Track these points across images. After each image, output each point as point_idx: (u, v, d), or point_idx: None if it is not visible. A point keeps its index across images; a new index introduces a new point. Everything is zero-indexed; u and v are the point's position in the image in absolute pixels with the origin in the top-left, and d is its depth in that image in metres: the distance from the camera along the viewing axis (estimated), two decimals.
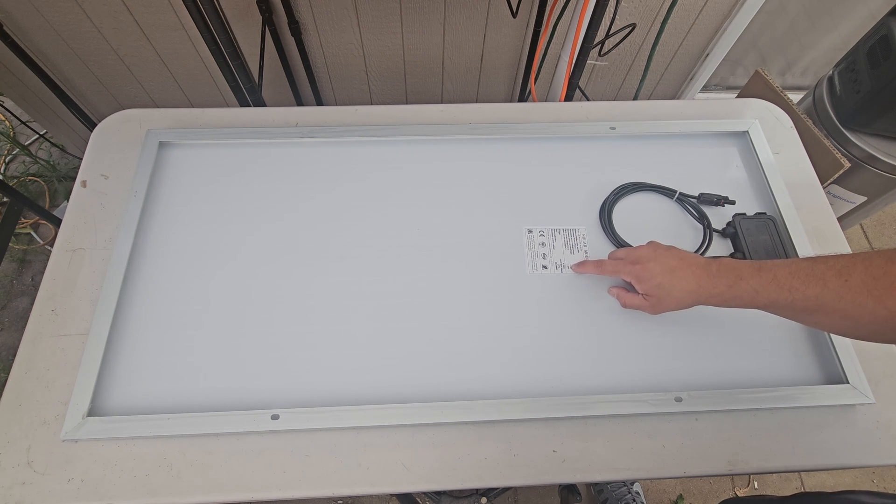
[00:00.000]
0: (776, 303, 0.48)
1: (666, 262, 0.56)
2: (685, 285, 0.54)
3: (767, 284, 0.48)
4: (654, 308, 0.58)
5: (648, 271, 0.57)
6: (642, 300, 0.59)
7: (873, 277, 0.42)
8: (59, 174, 1.64)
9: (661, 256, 0.57)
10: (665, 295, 0.56)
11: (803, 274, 0.46)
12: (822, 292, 0.45)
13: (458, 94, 1.49)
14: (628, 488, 1.20)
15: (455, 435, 0.57)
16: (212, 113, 0.78)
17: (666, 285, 0.55)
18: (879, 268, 0.42)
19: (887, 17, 1.15)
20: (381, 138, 0.75)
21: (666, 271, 0.56)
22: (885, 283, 0.41)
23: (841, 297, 0.43)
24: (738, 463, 0.56)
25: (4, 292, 1.47)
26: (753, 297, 0.49)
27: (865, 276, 0.42)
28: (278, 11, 1.15)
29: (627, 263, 0.60)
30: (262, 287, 0.64)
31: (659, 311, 0.59)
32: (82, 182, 0.71)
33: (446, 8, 1.19)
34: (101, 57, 1.26)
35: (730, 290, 0.51)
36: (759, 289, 0.49)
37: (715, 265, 0.53)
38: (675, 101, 0.83)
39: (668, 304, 0.56)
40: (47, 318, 0.62)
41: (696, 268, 0.54)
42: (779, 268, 0.48)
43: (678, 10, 1.19)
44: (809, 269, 0.46)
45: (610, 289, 0.64)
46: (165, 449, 0.55)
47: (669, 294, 0.55)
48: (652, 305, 0.58)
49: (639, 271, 0.58)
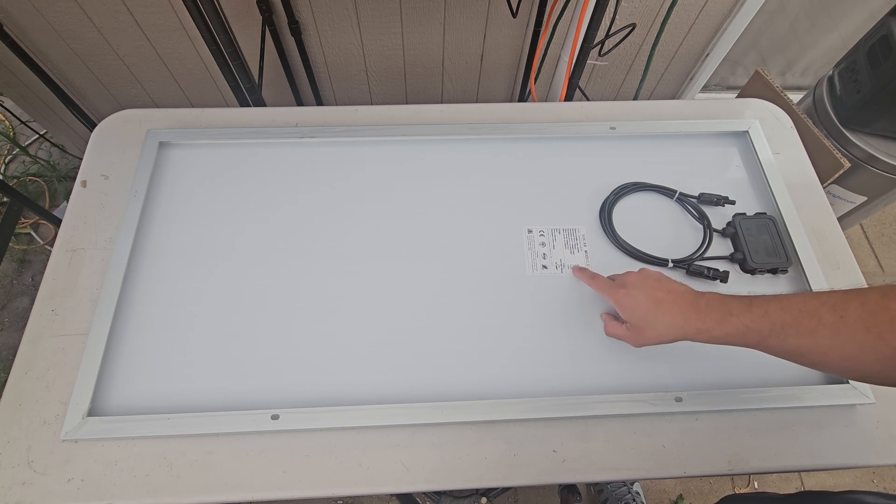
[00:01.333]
0: (768, 339, 0.46)
1: (652, 293, 0.54)
2: (670, 319, 0.51)
3: (759, 320, 0.46)
4: (635, 339, 0.56)
5: (632, 298, 0.55)
6: (625, 330, 0.56)
7: (871, 313, 0.39)
8: (59, 174, 1.64)
9: (648, 286, 0.55)
10: (647, 326, 0.53)
11: (795, 309, 0.44)
12: (816, 328, 0.42)
13: (458, 94, 1.49)
14: (628, 488, 1.20)
15: (455, 435, 0.57)
16: (212, 113, 0.78)
17: (650, 317, 0.53)
18: (876, 303, 0.40)
19: (887, 17, 1.15)
20: (382, 138, 0.75)
21: (651, 302, 0.53)
22: (885, 319, 0.39)
23: (838, 333, 0.41)
24: (738, 463, 0.56)
25: (4, 292, 1.47)
26: (744, 334, 0.47)
27: (862, 311, 0.40)
28: (278, 11, 1.15)
29: (614, 286, 0.58)
30: (261, 287, 0.64)
31: (640, 343, 0.55)
32: (82, 182, 0.71)
33: (446, 8, 1.19)
34: (101, 57, 1.26)
35: (719, 326, 0.48)
36: (750, 325, 0.46)
37: (703, 300, 0.51)
38: (675, 101, 0.83)
39: (649, 337, 0.53)
40: (47, 318, 0.62)
41: (683, 302, 0.52)
42: (770, 303, 0.46)
43: (678, 10, 1.19)
44: (802, 304, 0.44)
45: (602, 314, 0.63)
46: (165, 449, 0.55)
47: (652, 326, 0.53)
48: (633, 336, 0.55)
49: (622, 297, 0.56)
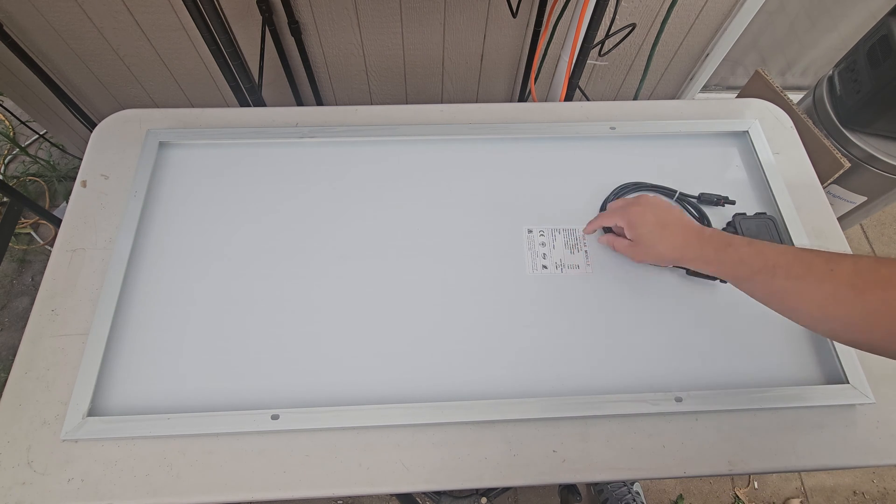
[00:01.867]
0: (757, 276, 0.48)
1: (662, 216, 0.58)
2: (673, 241, 0.55)
3: (754, 256, 0.48)
4: (636, 254, 0.60)
5: (642, 217, 0.59)
6: (628, 245, 0.61)
7: (859, 271, 0.41)
8: (59, 174, 1.64)
9: (660, 209, 0.59)
10: (651, 244, 0.57)
11: (791, 255, 0.47)
12: (805, 274, 0.44)
13: (458, 94, 1.49)
14: (628, 488, 1.20)
15: (455, 435, 0.57)
16: (212, 113, 0.78)
17: (655, 236, 0.57)
18: (867, 265, 0.41)
19: (887, 17, 1.15)
20: (382, 138, 0.75)
21: (659, 223, 0.57)
22: (871, 279, 0.40)
23: (822, 284, 0.43)
24: (738, 463, 0.56)
25: (4, 292, 1.47)
26: (737, 266, 0.50)
27: (852, 269, 0.42)
28: (278, 11, 1.15)
29: (628, 203, 0.62)
30: (261, 287, 0.64)
31: (640, 258, 0.60)
32: (82, 182, 0.71)
33: (446, 8, 1.19)
34: (101, 57, 1.26)
35: (716, 253, 0.52)
36: (745, 259, 0.49)
37: (708, 231, 0.55)
38: (675, 101, 0.83)
39: (650, 254, 0.58)
40: (47, 318, 0.62)
41: (688, 229, 0.56)
42: (769, 246, 0.49)
43: (678, 10, 1.19)
44: (798, 252, 0.47)
45: (600, 238, 0.66)
46: (165, 449, 0.55)
47: (655, 245, 0.57)
48: (635, 251, 0.60)
49: (634, 214, 0.60)
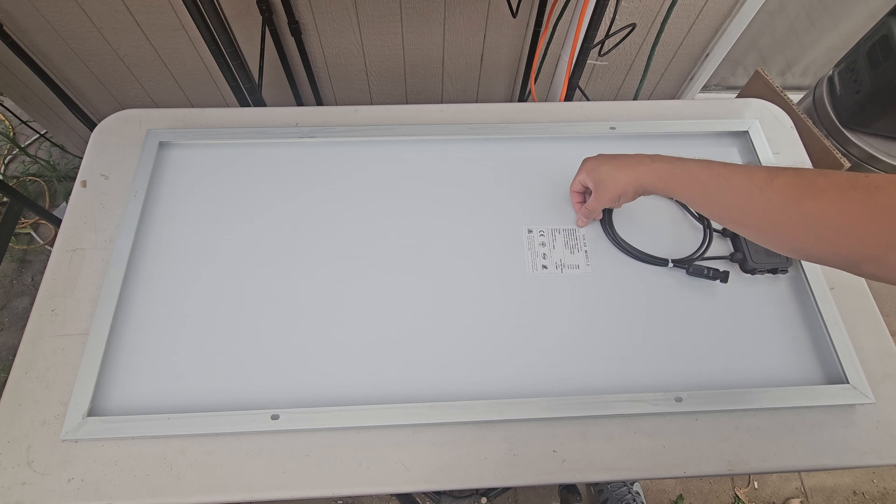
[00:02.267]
0: (705, 188, 0.50)
1: (614, 156, 0.62)
2: (627, 168, 0.59)
3: (702, 169, 0.51)
4: (603, 196, 0.62)
5: (597, 162, 0.63)
6: (594, 195, 0.63)
7: (799, 182, 0.43)
8: (59, 174, 1.64)
9: (612, 155, 0.62)
10: (610, 180, 0.60)
11: (736, 168, 0.49)
12: (746, 185, 0.46)
13: (458, 94, 1.49)
14: (628, 488, 1.20)
15: (455, 435, 0.57)
16: (212, 113, 0.78)
17: (610, 170, 0.60)
18: (806, 176, 0.43)
19: (887, 17, 1.15)
20: (382, 138, 0.75)
21: (611, 159, 0.61)
22: (808, 189, 0.42)
23: (762, 192, 0.45)
24: (738, 463, 0.56)
25: (4, 292, 1.47)
26: (687, 181, 0.52)
27: (792, 179, 0.43)
28: (278, 11, 1.15)
29: (585, 162, 0.65)
30: (262, 287, 0.64)
31: (605, 194, 0.62)
32: (82, 182, 0.71)
33: (446, 8, 1.19)
34: (101, 57, 1.26)
35: (669, 168, 0.55)
36: (693, 172, 0.52)
37: (659, 154, 0.58)
38: (676, 101, 0.83)
39: (613, 189, 0.60)
40: (47, 318, 0.62)
41: (640, 155, 0.59)
42: (717, 162, 0.51)
43: (678, 10, 1.19)
44: (745, 167, 0.49)
45: (577, 220, 0.70)
46: (165, 449, 0.55)
47: (613, 178, 0.60)
48: (601, 195, 0.62)
49: (589, 162, 0.64)
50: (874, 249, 0.38)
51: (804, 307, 0.65)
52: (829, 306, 0.63)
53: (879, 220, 0.37)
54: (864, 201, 0.38)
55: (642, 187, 0.58)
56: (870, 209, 0.38)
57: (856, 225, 0.39)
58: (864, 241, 0.38)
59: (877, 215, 0.38)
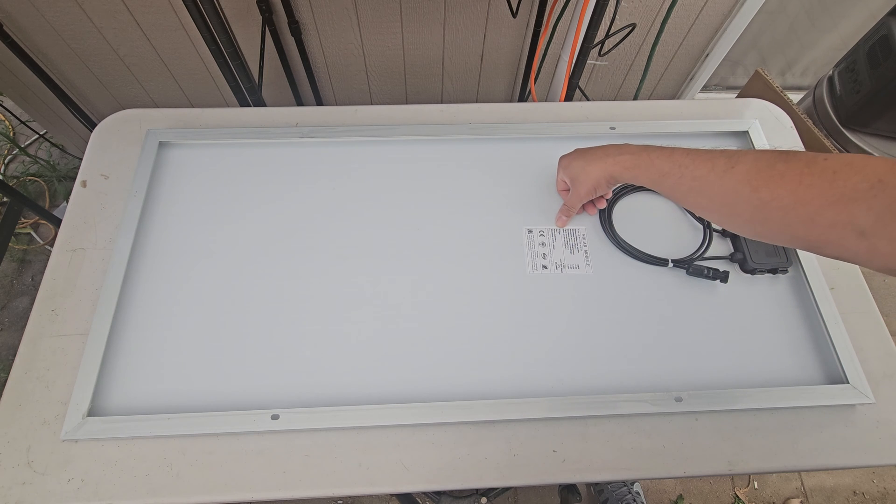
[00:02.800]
0: (669, 178, 0.51)
1: (585, 150, 0.63)
2: (596, 154, 0.60)
3: (664, 159, 0.52)
4: (579, 191, 0.64)
5: (570, 159, 0.64)
6: (572, 191, 0.65)
7: (757, 169, 0.43)
8: (58, 174, 1.64)
9: (584, 150, 0.63)
10: (583, 174, 0.62)
11: (697, 155, 0.49)
12: (707, 174, 0.47)
13: (458, 94, 1.48)
14: (628, 488, 1.20)
15: (455, 435, 0.57)
16: (212, 113, 0.78)
17: (583, 164, 0.62)
18: (765, 161, 0.43)
19: (887, 17, 1.15)
20: (382, 138, 0.75)
21: (582, 154, 0.63)
22: (766, 176, 0.42)
23: (722, 180, 0.45)
24: (739, 463, 0.56)
25: (4, 292, 1.47)
26: (650, 169, 0.54)
27: (751, 167, 0.44)
28: (278, 11, 1.15)
29: (560, 160, 0.67)
30: (262, 287, 0.64)
31: (580, 189, 0.63)
32: (82, 182, 0.71)
33: (446, 8, 1.19)
34: (101, 57, 1.26)
35: (634, 159, 0.56)
36: (655, 161, 0.53)
37: (629, 144, 0.59)
38: (676, 101, 0.83)
39: (587, 183, 0.62)
40: (47, 318, 0.62)
41: (608, 146, 0.60)
42: (682, 150, 0.52)
43: (678, 10, 1.19)
44: (706, 153, 0.49)
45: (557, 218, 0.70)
46: (165, 449, 0.55)
47: (585, 171, 0.61)
48: (577, 190, 0.64)
49: (564, 161, 0.66)
50: (832, 235, 0.38)
51: (804, 307, 0.65)
52: (829, 306, 0.63)
53: (835, 205, 0.37)
54: (820, 186, 0.39)
55: (613, 178, 0.59)
56: (825, 195, 0.38)
57: (812, 211, 0.39)
58: (821, 226, 0.39)
59: (832, 201, 0.38)
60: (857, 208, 0.36)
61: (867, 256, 0.37)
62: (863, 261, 0.38)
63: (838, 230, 0.38)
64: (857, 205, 0.36)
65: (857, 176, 0.37)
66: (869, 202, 0.36)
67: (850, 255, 0.38)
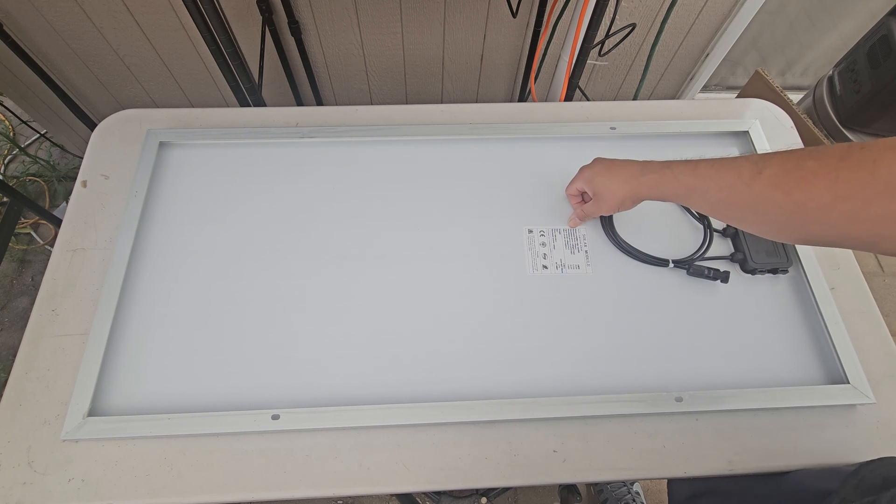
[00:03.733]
0: (695, 190, 0.50)
1: (608, 163, 0.62)
2: (621, 177, 0.59)
3: (690, 172, 0.51)
4: (597, 203, 0.63)
5: (592, 171, 0.63)
6: (593, 202, 0.64)
7: (786, 171, 0.41)
8: (58, 174, 1.64)
9: (606, 160, 0.63)
10: (604, 188, 0.61)
11: (722, 165, 0.47)
12: (735, 182, 0.45)
13: (458, 94, 1.48)
14: (628, 488, 1.20)
15: (455, 435, 0.57)
16: (212, 113, 0.78)
17: (606, 180, 0.61)
18: (794, 162, 0.41)
19: (887, 17, 1.15)
20: (382, 138, 0.75)
21: (606, 168, 0.61)
22: (796, 177, 0.40)
23: (751, 187, 0.43)
24: (739, 463, 0.56)
25: (4, 292, 1.47)
26: (676, 186, 0.52)
27: (779, 169, 0.41)
28: (278, 11, 1.15)
29: (581, 168, 0.66)
30: (262, 287, 0.64)
31: (603, 205, 0.62)
32: (83, 182, 0.71)
33: (446, 8, 1.19)
34: (101, 57, 1.25)
35: (658, 177, 0.55)
36: (680, 178, 0.52)
37: (652, 161, 0.57)
38: (676, 101, 0.83)
39: (610, 199, 0.61)
40: (48, 318, 0.62)
41: (631, 163, 0.59)
42: (706, 161, 0.50)
43: (678, 10, 1.19)
44: (731, 161, 0.47)
45: (570, 220, 0.70)
46: (166, 449, 0.55)
47: (609, 188, 0.60)
48: (599, 203, 0.63)
49: (586, 170, 0.64)
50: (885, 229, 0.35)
51: (805, 307, 0.65)
52: (829, 306, 0.63)
53: (881, 196, 0.34)
54: (860, 179, 0.35)
55: (639, 198, 0.59)
56: (868, 187, 0.35)
57: (855, 207, 0.36)
58: (869, 221, 0.35)
59: (877, 192, 0.34)
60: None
61: None
62: None
63: (890, 223, 0.34)
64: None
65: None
66: None
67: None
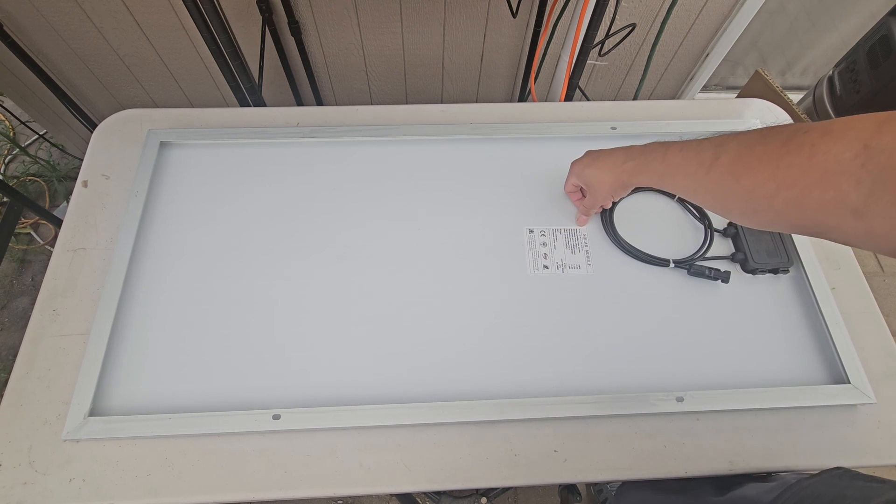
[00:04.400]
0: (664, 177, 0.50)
1: (593, 155, 0.62)
2: (607, 164, 0.59)
3: (660, 159, 0.50)
4: (592, 196, 0.63)
5: (583, 164, 0.63)
6: (587, 197, 0.65)
7: (739, 155, 0.40)
8: (59, 174, 1.64)
9: (592, 152, 0.62)
10: (594, 179, 0.61)
11: (688, 150, 0.47)
12: (696, 170, 0.45)
13: (458, 94, 1.48)
14: None
15: (455, 435, 0.57)
16: (212, 113, 0.78)
17: (595, 170, 0.60)
18: (746, 146, 0.40)
19: (887, 17, 1.15)
20: (382, 138, 0.75)
21: (594, 159, 0.61)
22: (745, 163, 0.39)
23: (709, 175, 0.43)
24: (739, 463, 0.56)
25: (4, 292, 1.47)
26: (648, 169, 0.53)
27: (734, 154, 0.41)
28: (278, 11, 1.15)
29: (573, 165, 0.65)
30: (262, 287, 0.64)
31: (598, 196, 0.63)
32: (83, 182, 0.71)
33: (446, 8, 1.19)
34: (101, 57, 1.25)
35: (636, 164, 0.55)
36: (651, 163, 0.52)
37: (634, 147, 0.57)
38: (676, 101, 0.83)
39: (602, 190, 0.61)
40: (48, 318, 0.62)
41: (617, 151, 0.59)
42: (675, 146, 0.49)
43: (678, 10, 1.18)
44: (696, 146, 0.46)
45: (577, 218, 0.70)
46: (166, 449, 0.55)
47: (597, 178, 0.60)
48: (593, 196, 0.63)
49: (577, 166, 0.64)
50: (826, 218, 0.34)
51: (805, 307, 0.65)
52: (830, 306, 0.63)
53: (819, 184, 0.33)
54: (799, 165, 0.34)
55: (625, 185, 0.59)
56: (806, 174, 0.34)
57: (797, 195, 0.35)
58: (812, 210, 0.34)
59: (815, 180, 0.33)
60: (845, 183, 0.31)
61: (866, 239, 0.32)
62: (863, 244, 0.33)
63: (830, 211, 0.33)
64: (844, 179, 0.31)
65: (839, 145, 0.32)
66: (857, 173, 0.30)
67: (851, 239, 0.33)
